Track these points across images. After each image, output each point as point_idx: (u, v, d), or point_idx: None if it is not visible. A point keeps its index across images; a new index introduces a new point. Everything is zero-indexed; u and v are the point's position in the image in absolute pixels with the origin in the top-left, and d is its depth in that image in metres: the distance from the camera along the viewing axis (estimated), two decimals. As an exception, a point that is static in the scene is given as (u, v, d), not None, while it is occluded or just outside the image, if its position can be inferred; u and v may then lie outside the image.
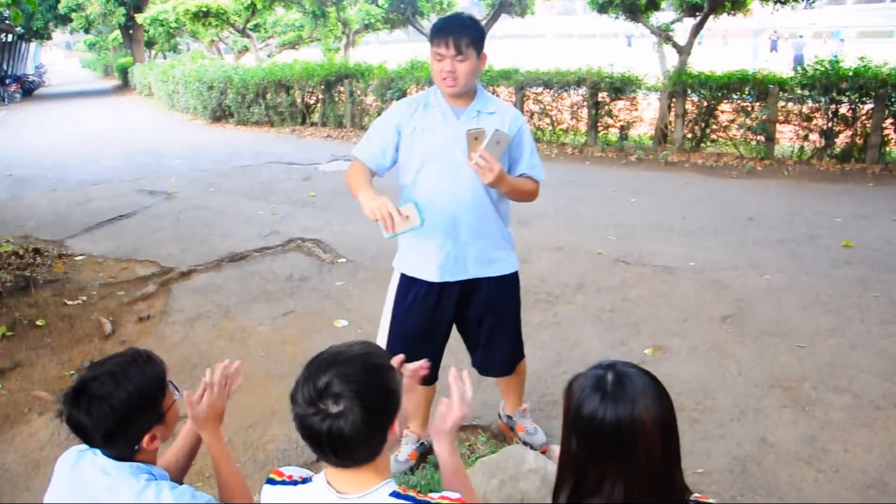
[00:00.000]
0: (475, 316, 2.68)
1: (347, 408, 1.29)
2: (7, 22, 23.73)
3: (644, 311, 4.41)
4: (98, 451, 1.59)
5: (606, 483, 1.26)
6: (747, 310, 4.37)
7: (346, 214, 7.04)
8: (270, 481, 1.48)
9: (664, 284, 4.84)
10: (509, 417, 3.05)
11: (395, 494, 1.37)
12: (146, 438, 1.57)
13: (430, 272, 2.56)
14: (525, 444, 2.96)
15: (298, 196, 8.03)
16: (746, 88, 9.00)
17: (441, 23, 2.45)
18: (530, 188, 2.56)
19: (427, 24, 16.56)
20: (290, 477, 1.48)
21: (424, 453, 2.99)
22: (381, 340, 2.71)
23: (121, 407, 1.51)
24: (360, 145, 2.58)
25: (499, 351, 2.75)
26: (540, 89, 10.68)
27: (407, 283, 2.64)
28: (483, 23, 13.85)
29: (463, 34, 2.35)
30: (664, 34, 11.00)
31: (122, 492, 1.52)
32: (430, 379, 2.73)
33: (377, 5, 15.85)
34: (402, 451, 2.94)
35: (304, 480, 1.45)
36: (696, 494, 1.33)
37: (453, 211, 2.48)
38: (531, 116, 10.84)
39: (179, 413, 1.73)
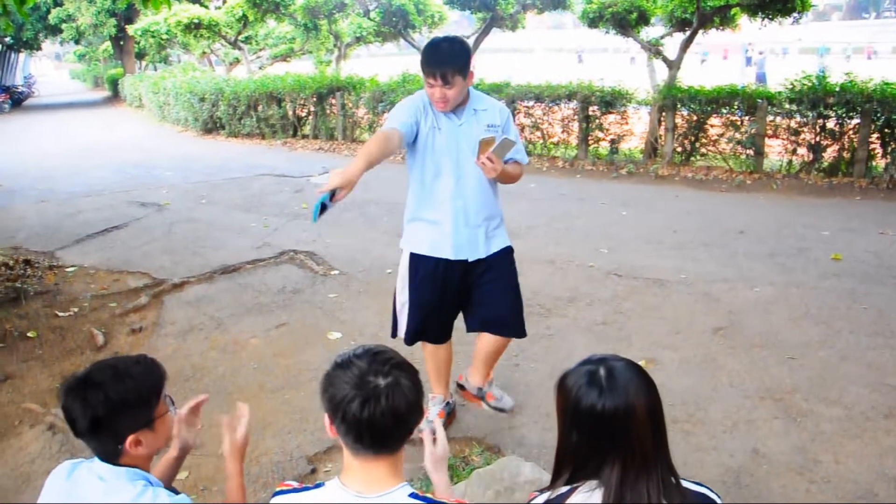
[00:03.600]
0: (486, 281, 2.93)
1: (395, 379, 1.38)
2: (-3, 32, 23.66)
3: (636, 324, 4.44)
4: (95, 460, 1.58)
5: (605, 468, 1.36)
6: (738, 322, 4.41)
7: (338, 227, 7.05)
8: (279, 493, 1.48)
9: (656, 297, 4.88)
10: (479, 389, 3.18)
11: (413, 496, 1.39)
12: (130, 439, 1.55)
13: (446, 251, 2.85)
14: (496, 410, 3.19)
15: (290, 208, 8.03)
16: (735, 103, 9.12)
17: (428, 54, 2.68)
18: (517, 172, 2.92)
19: (419, 37, 16.65)
20: (300, 484, 1.49)
21: (450, 413, 3.31)
22: (402, 316, 3.02)
23: (115, 397, 1.53)
24: (390, 119, 2.76)
25: (506, 310, 2.97)
26: (531, 103, 10.76)
27: (416, 260, 2.93)
28: (474, 37, 14.04)
29: (448, 66, 2.62)
30: (654, 49, 11.12)
31: (119, 496, 1.51)
32: (444, 337, 3.08)
33: (369, 18, 15.89)
34: (430, 412, 3.17)
35: (317, 485, 1.47)
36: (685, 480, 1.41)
37: (464, 198, 2.82)
38: (522, 130, 10.89)
39: (172, 429, 1.72)
